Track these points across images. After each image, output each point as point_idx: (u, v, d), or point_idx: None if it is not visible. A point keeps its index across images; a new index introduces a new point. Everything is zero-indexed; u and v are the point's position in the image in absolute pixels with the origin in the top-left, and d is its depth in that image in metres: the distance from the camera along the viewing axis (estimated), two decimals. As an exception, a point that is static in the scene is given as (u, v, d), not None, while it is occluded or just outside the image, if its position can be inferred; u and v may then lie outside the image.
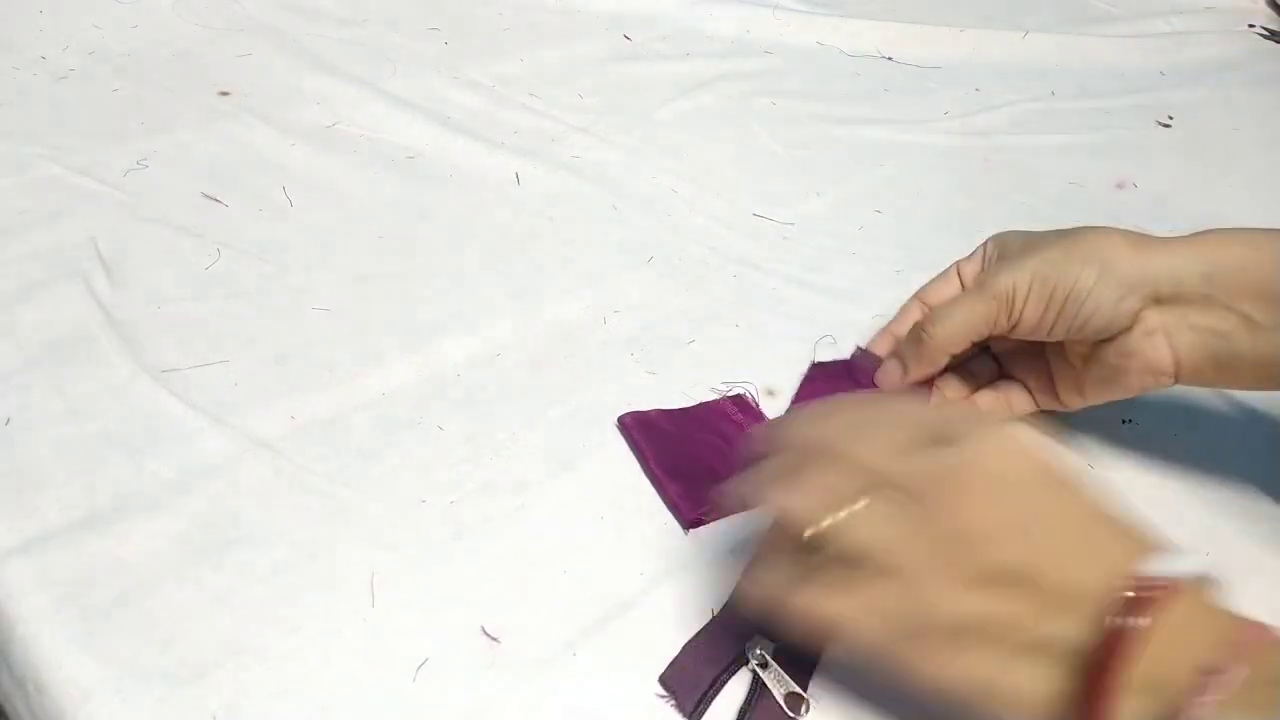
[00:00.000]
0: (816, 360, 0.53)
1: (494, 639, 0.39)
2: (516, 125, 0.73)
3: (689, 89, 0.80)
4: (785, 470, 0.35)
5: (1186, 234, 0.44)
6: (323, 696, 0.37)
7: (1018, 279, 0.44)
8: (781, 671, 0.38)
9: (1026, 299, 0.44)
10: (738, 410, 0.50)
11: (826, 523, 0.33)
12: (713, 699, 0.38)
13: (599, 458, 0.47)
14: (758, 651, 0.38)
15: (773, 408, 0.51)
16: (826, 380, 0.52)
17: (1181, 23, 1.00)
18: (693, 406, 0.50)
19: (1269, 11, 1.04)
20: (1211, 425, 0.52)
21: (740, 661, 0.39)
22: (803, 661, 0.39)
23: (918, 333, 0.47)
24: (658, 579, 0.42)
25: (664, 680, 0.38)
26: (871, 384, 0.50)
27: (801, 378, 0.52)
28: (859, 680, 0.39)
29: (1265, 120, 0.85)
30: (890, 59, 0.89)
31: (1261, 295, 0.41)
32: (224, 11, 0.83)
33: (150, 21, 0.81)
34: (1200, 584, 0.32)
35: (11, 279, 0.53)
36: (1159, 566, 0.31)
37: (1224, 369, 0.43)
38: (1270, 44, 0.99)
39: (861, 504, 0.33)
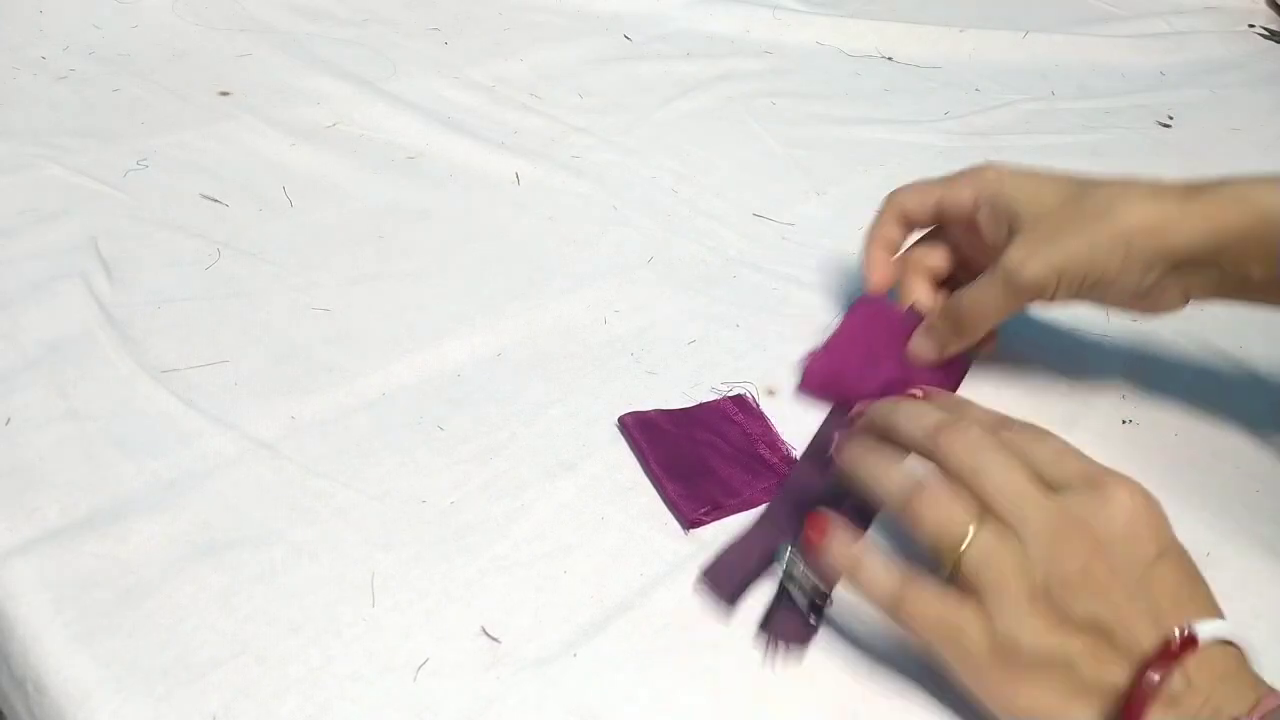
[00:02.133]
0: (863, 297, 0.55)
1: (494, 639, 0.39)
2: (516, 125, 0.73)
3: (689, 89, 0.80)
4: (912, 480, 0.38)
5: (1206, 184, 0.45)
6: (323, 696, 0.37)
7: (1044, 277, 0.46)
8: (809, 574, 0.40)
9: (1055, 292, 0.47)
10: (738, 410, 0.50)
11: (964, 546, 0.35)
12: (747, 586, 0.41)
13: (599, 458, 0.47)
14: (788, 554, 0.42)
15: (773, 408, 0.50)
16: (866, 325, 0.53)
17: (1181, 23, 1.00)
18: (693, 406, 0.50)
19: (1269, 11, 1.04)
20: (1212, 424, 0.52)
21: (774, 560, 0.42)
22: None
23: (951, 320, 0.50)
24: (658, 579, 0.42)
25: (706, 570, 0.42)
26: (907, 337, 0.52)
27: (847, 311, 0.55)
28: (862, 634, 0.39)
29: (1265, 120, 0.85)
30: (890, 59, 0.89)
31: (1262, 260, 0.44)
32: (224, 11, 0.83)
33: (150, 21, 0.81)
34: (1234, 648, 0.34)
35: (11, 279, 0.54)
36: (1207, 630, 0.34)
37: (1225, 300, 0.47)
38: (1270, 44, 0.99)
39: (985, 531, 0.35)
